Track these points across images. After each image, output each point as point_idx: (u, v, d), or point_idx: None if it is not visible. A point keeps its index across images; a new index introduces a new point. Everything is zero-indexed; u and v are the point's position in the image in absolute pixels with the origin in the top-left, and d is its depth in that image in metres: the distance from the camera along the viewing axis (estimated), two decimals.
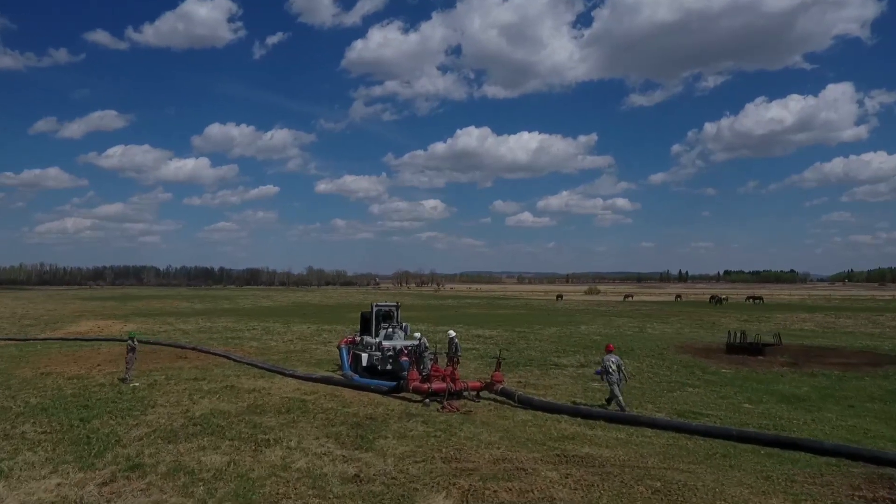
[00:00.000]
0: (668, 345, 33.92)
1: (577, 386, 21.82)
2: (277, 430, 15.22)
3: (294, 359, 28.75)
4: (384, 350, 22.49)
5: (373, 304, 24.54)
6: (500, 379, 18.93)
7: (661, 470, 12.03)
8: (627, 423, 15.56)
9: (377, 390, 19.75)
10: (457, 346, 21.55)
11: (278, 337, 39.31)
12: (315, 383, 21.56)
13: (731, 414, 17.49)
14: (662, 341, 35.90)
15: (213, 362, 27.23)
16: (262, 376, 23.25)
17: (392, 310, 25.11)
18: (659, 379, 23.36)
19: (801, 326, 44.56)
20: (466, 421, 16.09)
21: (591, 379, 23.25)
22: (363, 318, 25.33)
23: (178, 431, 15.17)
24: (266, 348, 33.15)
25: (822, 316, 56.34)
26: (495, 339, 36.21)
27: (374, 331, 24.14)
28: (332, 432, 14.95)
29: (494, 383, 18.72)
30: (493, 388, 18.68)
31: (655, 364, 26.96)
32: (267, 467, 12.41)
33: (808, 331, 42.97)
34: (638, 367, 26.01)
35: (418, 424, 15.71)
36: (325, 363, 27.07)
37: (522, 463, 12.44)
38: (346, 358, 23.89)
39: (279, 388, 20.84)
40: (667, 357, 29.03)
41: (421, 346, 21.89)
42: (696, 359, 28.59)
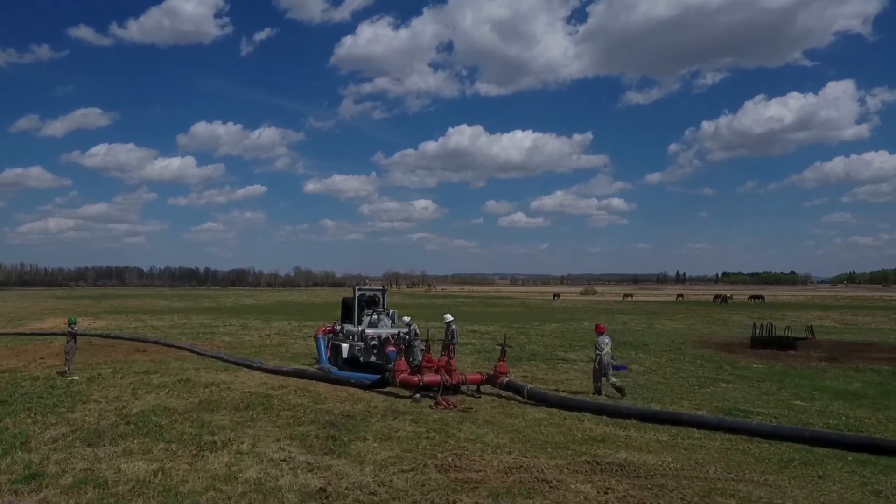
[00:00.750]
0: (684, 340, 31.11)
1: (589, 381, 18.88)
2: (229, 430, 12.25)
3: (267, 353, 25.74)
4: (367, 339, 19.53)
5: (355, 288, 21.56)
6: (505, 370, 16.00)
7: (730, 482, 9.13)
8: (669, 422, 12.67)
9: (358, 384, 16.79)
10: (454, 332, 18.62)
11: (255, 332, 36.25)
12: (286, 377, 18.58)
13: (784, 412, 14.63)
14: (676, 336, 33.10)
15: (173, 356, 24.21)
16: (225, 370, 20.25)
17: (377, 294, 22.15)
18: (685, 374, 20.48)
19: (819, 324, 41.82)
20: (466, 419, 13.16)
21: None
22: (344, 305, 22.36)
23: (104, 432, 12.18)
24: (239, 342, 30.12)
25: (838, 314, 53.73)
26: (493, 335, 33.28)
27: (357, 318, 21.18)
28: (297, 433, 11.99)
29: (498, 376, 15.80)
30: (497, 381, 15.76)
31: (675, 359, 24.11)
32: (206, 478, 9.44)
33: (830, 327, 40.26)
34: (656, 362, 23.18)
35: (406, 423, 12.78)
36: (301, 357, 24.07)
37: (543, 472, 9.52)
38: (323, 349, 20.92)
39: (243, 382, 17.84)
40: (685, 352, 26.20)
41: (411, 334, 18.95)
42: (719, 353, 25.77)
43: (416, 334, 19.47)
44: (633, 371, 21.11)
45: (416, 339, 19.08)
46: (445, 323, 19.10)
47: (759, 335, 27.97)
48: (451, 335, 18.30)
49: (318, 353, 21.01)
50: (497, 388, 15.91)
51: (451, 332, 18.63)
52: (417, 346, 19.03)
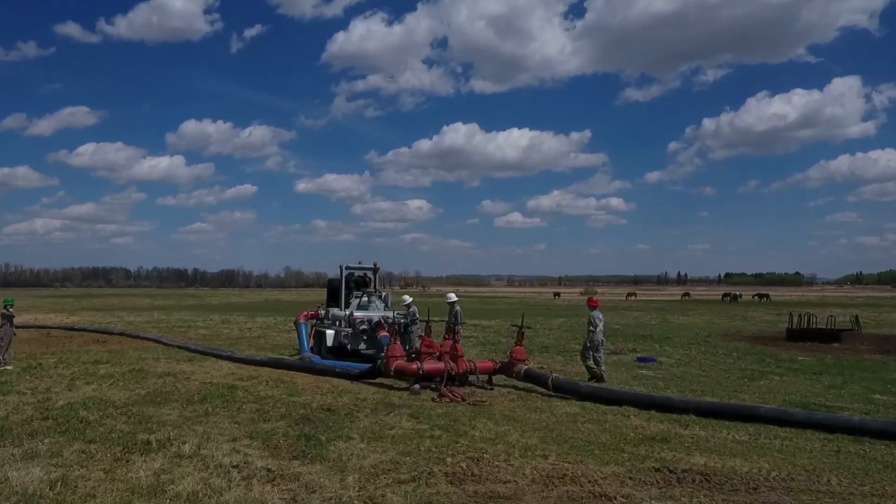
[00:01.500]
0: (708, 333, 28.46)
1: (621, 373, 16.22)
2: (173, 427, 9.52)
3: (244, 344, 22.99)
4: (356, 324, 16.80)
5: (342, 267, 18.83)
6: (524, 357, 13.30)
7: (871, 499, 6.44)
8: (741, 417, 9.95)
9: (344, 374, 14.08)
10: (458, 314, 15.93)
11: (236, 326, 33.45)
12: (258, 367, 15.84)
13: (869, 407, 11.99)
14: (698, 330, 30.46)
15: (135, 346, 21.45)
16: (189, 360, 17.49)
17: (367, 274, 19.43)
18: (724, 366, 17.82)
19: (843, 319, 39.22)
20: (479, 414, 10.45)
21: (638, 366, 17.77)
22: (330, 287, 19.64)
23: (9, 429, 9.43)
24: (215, 335, 27.34)
25: (859, 311, 51.13)
26: (496, 329, 30.59)
27: (345, 301, 18.46)
28: (260, 431, 9.27)
29: (515, 363, 13.10)
30: (514, 370, 13.06)
31: (707, 351, 21.45)
32: (122, 491, 6.73)
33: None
34: (686, 354, 20.54)
35: (403, 419, 10.07)
36: (282, 348, 21.32)
37: (598, 484, 6.81)
38: (305, 337, 18.18)
39: (207, 372, 15.11)
40: (716, 345, 23.54)
41: (409, 317, 16.29)
42: (754, 346, 23.14)
43: (416, 318, 16.77)
44: (662, 364, 18.49)
45: (414, 325, 16.41)
46: (448, 303, 16.40)
47: (797, 327, 25.34)
48: (456, 317, 15.61)
49: (300, 340, 18.27)
50: (513, 379, 13.23)
51: (454, 313, 15.94)
52: (415, 331, 16.35)
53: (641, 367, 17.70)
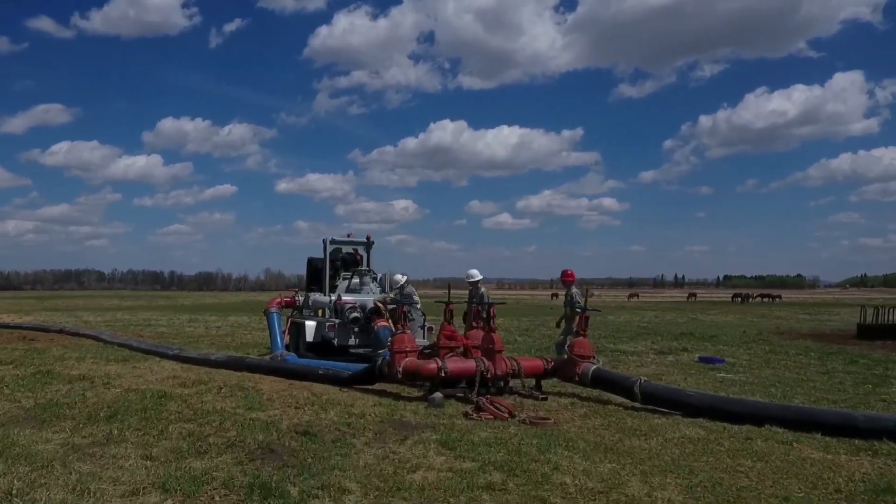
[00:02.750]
0: (759, 331, 24.81)
1: (694, 377, 12.49)
2: (42, 465, 5.65)
3: (205, 342, 19.07)
4: (345, 311, 12.94)
5: (325, 241, 14.97)
6: (589, 352, 9.48)
7: None
8: None
9: (330, 378, 10.26)
10: (483, 295, 12.15)
11: (203, 325, 29.44)
12: (213, 368, 11.94)
13: None
14: (742, 328, 26.81)
15: (66, 344, 17.49)
16: (125, 360, 13.55)
17: (358, 250, 15.63)
18: (813, 369, 14.13)
19: None
20: (550, 441, 6.64)
21: (709, 369, 14.08)
22: (310, 267, 15.78)
23: None
24: (175, 333, 23.34)
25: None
26: (504, 327, 26.77)
27: (329, 284, 14.64)
28: (185, 474, 5.41)
29: (578, 361, 9.28)
30: (575, 370, 9.26)
31: (774, 351, 17.79)
32: None
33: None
34: (752, 354, 16.87)
35: (430, 450, 6.25)
36: (249, 346, 17.43)
37: None
38: (277, 329, 14.31)
39: (139, 375, 11.21)
40: (777, 344, 19.87)
41: (403, 298, 12.57)
42: (827, 345, 19.50)
43: (414, 301, 12.97)
44: (734, 365, 14.88)
45: (414, 311, 12.62)
46: (470, 282, 12.61)
47: (872, 322, 21.83)
48: (481, 298, 11.81)
49: (271, 334, 14.40)
50: (572, 384, 9.45)
51: (479, 295, 12.18)
52: (417, 319, 12.61)
53: (714, 369, 14.01)
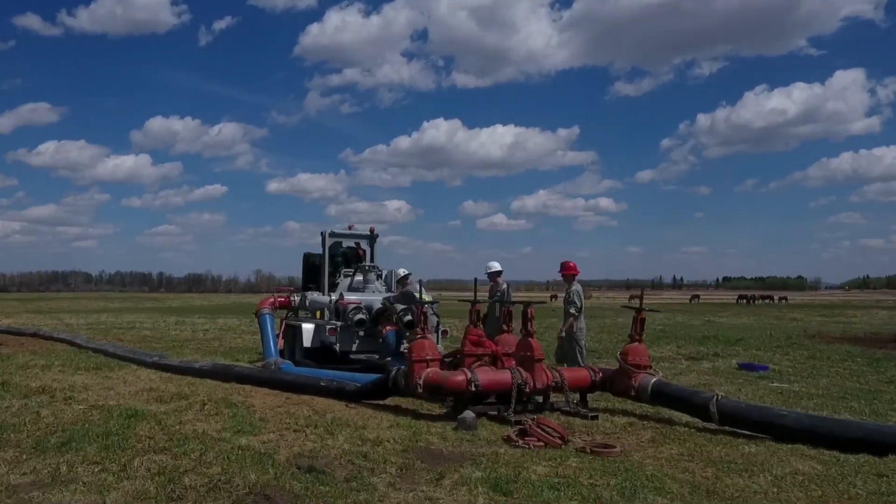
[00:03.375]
0: (788, 335, 23.38)
1: (745, 387, 11.05)
2: None
3: (191, 347, 17.52)
4: (348, 312, 11.42)
5: (324, 233, 13.46)
6: (645, 361, 7.99)
7: None
8: None
9: (334, 391, 8.77)
10: (504, 291, 10.70)
11: (190, 327, 27.87)
12: (197, 378, 10.41)
13: None
14: (769, 332, 25.38)
15: (37, 349, 15.96)
16: (97, 368, 12.00)
17: (360, 244, 14.16)
18: (871, 379, 12.71)
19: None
20: (628, 478, 5.16)
21: (755, 377, 12.67)
22: (307, 263, 14.29)
23: None
24: (159, 337, 21.81)
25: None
26: None
27: (328, 282, 13.15)
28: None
29: (632, 372, 7.80)
30: (630, 382, 7.78)
31: (816, 356, 16.37)
32: None
33: None
34: (791, 361, 15.45)
35: (477, 493, 4.75)
36: (239, 352, 15.93)
37: None
38: (271, 333, 12.77)
39: (111, 387, 9.71)
40: (814, 348, 18.43)
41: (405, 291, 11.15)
42: (870, 350, 18.10)
43: (433, 306, 11.48)
44: (779, 372, 13.52)
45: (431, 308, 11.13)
46: (490, 274, 11.17)
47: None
48: (503, 296, 10.35)
49: (263, 339, 12.86)
50: (623, 398, 8.00)
51: (501, 291, 10.74)
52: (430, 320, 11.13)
53: (763, 377, 12.60)
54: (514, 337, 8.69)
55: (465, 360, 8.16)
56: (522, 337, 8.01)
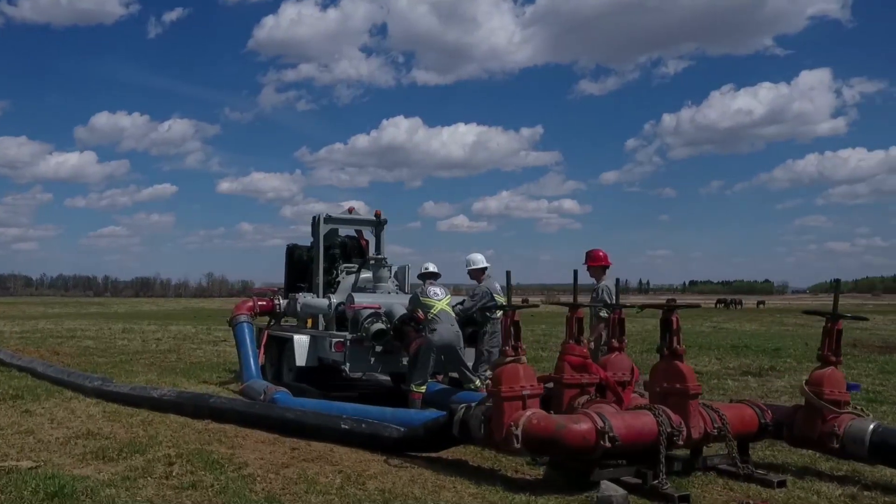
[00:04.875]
0: (867, 343, 21.17)
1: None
2: None
3: (143, 363, 14.54)
4: (363, 321, 8.64)
5: (317, 218, 10.68)
6: (846, 395, 5.45)
7: None
8: None
9: (363, 436, 6.05)
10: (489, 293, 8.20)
11: (139, 336, 24.63)
12: (156, 413, 7.53)
13: None
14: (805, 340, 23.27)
15: None
16: (19, 396, 8.95)
17: (362, 233, 11.50)
18: None
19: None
20: None
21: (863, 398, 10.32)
22: (292, 258, 11.55)
23: None
24: (105, 348, 18.65)
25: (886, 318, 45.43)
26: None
27: (325, 279, 10.41)
28: None
29: (831, 412, 5.25)
30: (829, 428, 5.24)
31: (887, 370, 14.23)
32: None
33: None
34: (868, 377, 13.23)
35: None
36: (205, 369, 13.03)
37: None
38: (250, 348, 9.97)
39: (31, 431, 6.80)
40: (871, 360, 16.33)
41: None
42: None
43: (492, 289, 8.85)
44: (874, 392, 11.28)
45: (493, 308, 8.58)
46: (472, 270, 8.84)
47: None
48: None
49: (241, 355, 10.03)
50: (819, 451, 5.47)
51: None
52: (491, 331, 8.59)
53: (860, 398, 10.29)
54: (627, 358, 6.14)
55: (565, 394, 5.56)
56: (665, 359, 5.38)
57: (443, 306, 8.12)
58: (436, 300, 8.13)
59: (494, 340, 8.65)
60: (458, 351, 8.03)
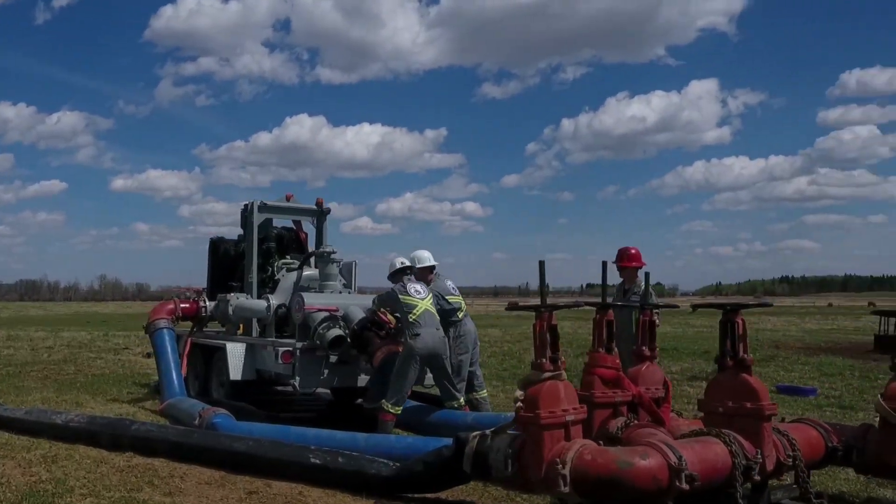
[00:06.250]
0: (766, 345, 21.22)
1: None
2: None
3: (34, 376, 12.52)
4: (317, 326, 7.29)
5: (249, 206, 9.22)
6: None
7: None
8: None
9: (343, 475, 4.75)
10: (644, 291, 7.07)
11: (28, 344, 21.96)
12: (61, 444, 5.94)
13: None
14: (714, 341, 23.24)
15: None
16: None
17: (300, 226, 10.17)
18: None
19: (832, 326, 34.21)
20: None
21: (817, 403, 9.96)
22: (217, 253, 10.09)
23: None
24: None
25: (817, 319, 47.18)
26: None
27: (260, 277, 8.98)
28: None
29: None
30: None
31: (827, 371, 14.10)
32: None
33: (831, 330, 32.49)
34: (809, 378, 13.00)
35: None
36: (108, 382, 11.27)
37: None
38: (171, 359, 8.42)
39: None
40: (807, 361, 16.27)
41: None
42: (860, 361, 16.17)
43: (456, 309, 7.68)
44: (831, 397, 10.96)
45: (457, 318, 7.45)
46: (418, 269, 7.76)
47: (890, 332, 18.88)
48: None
49: (161, 368, 8.45)
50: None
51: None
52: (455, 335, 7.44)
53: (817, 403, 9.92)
54: (658, 368, 5.12)
55: (596, 415, 4.48)
56: (729, 372, 4.35)
57: (426, 306, 6.89)
58: (418, 299, 6.86)
59: (462, 346, 7.54)
60: (444, 360, 6.82)
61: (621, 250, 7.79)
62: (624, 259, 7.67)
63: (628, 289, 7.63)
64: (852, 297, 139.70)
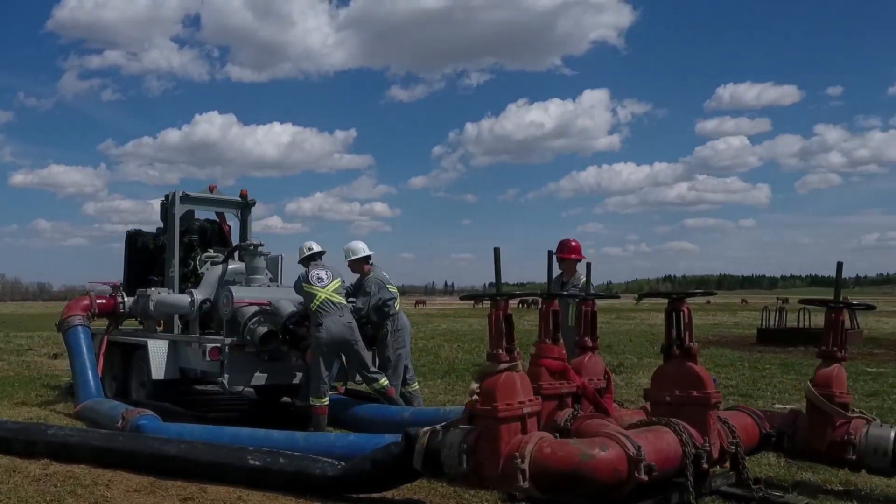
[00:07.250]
0: (631, 339, 21.80)
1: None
2: None
3: None
4: (247, 321, 6.88)
5: (171, 196, 8.64)
6: (849, 396, 4.68)
7: None
8: None
9: (285, 476, 4.41)
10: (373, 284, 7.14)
11: None
12: None
13: None
14: (630, 337, 23.78)
15: None
16: None
17: (224, 218, 9.65)
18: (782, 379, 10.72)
19: (714, 321, 35.68)
20: None
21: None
22: (134, 248, 9.45)
23: None
24: None
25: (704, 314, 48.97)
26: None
27: (179, 273, 8.42)
28: None
29: (841, 417, 4.47)
30: (841, 436, 4.46)
31: (720, 363, 14.63)
32: None
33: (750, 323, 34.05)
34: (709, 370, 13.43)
35: None
36: (15, 385, 10.36)
37: None
38: (87, 358, 7.77)
39: None
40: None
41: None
42: (737, 351, 16.97)
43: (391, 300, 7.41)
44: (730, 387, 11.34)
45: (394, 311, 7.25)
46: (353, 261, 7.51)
47: (775, 326, 19.72)
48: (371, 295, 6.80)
49: (76, 368, 7.79)
50: (829, 465, 4.69)
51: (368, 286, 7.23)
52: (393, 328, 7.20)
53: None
54: (600, 359, 5.04)
55: (544, 407, 4.33)
56: (675, 361, 4.28)
57: (328, 294, 6.58)
58: (318, 286, 6.58)
59: (400, 340, 7.30)
60: (352, 346, 6.59)
61: (562, 242, 7.65)
62: (564, 251, 7.51)
63: (566, 281, 7.50)
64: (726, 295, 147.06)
